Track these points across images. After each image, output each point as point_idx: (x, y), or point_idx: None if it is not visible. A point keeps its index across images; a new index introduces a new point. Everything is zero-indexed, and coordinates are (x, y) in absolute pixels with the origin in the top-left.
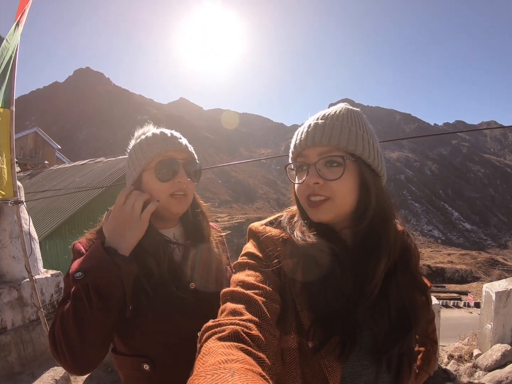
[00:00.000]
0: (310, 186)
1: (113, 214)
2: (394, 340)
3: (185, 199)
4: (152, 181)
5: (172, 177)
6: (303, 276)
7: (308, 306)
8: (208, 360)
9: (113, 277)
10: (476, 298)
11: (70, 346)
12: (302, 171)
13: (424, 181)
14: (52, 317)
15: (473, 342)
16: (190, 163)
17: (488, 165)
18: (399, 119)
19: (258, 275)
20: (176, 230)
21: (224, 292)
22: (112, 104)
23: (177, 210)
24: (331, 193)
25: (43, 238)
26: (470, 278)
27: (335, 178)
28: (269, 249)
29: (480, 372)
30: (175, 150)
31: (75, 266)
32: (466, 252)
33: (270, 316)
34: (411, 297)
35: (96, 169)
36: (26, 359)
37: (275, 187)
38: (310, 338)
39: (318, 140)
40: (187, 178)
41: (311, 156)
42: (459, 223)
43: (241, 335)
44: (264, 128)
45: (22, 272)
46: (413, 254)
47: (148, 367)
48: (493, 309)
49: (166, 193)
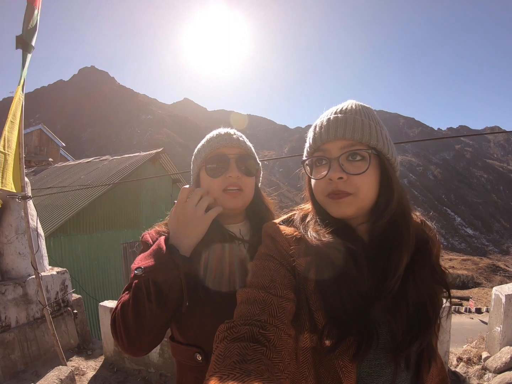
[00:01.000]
0: (333, 181)
1: (175, 211)
2: (413, 337)
3: (240, 193)
4: (205, 178)
5: (223, 172)
6: (317, 275)
7: (322, 306)
8: (224, 360)
9: (171, 276)
10: (477, 304)
11: (128, 332)
12: (321, 165)
13: (427, 186)
14: (59, 314)
15: (481, 345)
16: (243, 157)
17: (491, 170)
18: (402, 123)
19: (273, 274)
20: (242, 226)
21: (239, 292)
22: (116, 103)
23: (232, 205)
24: (355, 188)
25: (48, 235)
26: (472, 283)
27: (360, 172)
28: (284, 248)
29: (490, 374)
30: (225, 146)
31: (138, 261)
32: (468, 258)
33: (285, 316)
34: (431, 291)
35: (101, 167)
36: (29, 358)
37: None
38: (324, 338)
39: (341, 134)
40: (239, 173)
41: (332, 150)
42: (461, 228)
43: (256, 336)
44: (268, 130)
45: (27, 268)
46: (433, 246)
47: (200, 358)
48: (502, 312)
49: (219, 188)
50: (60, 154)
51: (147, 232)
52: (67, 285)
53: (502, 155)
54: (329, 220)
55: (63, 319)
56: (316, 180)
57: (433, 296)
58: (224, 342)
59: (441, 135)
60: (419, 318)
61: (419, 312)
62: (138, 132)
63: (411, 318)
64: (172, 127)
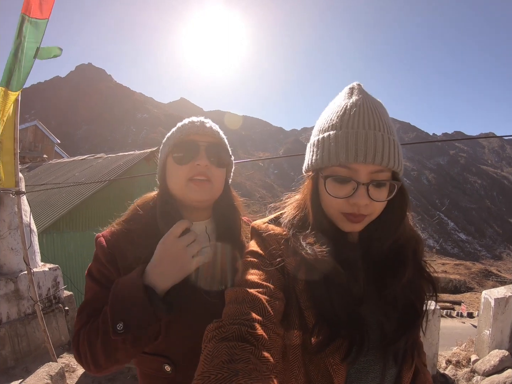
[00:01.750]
0: (357, 205)
1: (165, 242)
2: (401, 332)
3: (208, 184)
4: (172, 165)
5: (191, 159)
6: (306, 275)
7: (312, 305)
8: (212, 360)
9: (152, 329)
10: (469, 308)
11: (96, 360)
12: (344, 184)
13: (421, 190)
14: (50, 310)
15: (470, 348)
16: (215, 146)
17: (485, 176)
18: (398, 128)
19: (261, 273)
20: (208, 224)
21: (228, 291)
22: (112, 101)
23: (197, 197)
24: (372, 211)
25: (40, 232)
26: (464, 288)
27: (382, 200)
28: (272, 247)
29: (478, 377)
30: (196, 133)
31: (112, 303)
32: (461, 262)
33: (274, 315)
34: (418, 288)
35: (95, 164)
36: (20, 354)
37: (272, 191)
38: (314, 337)
39: (379, 160)
40: (208, 161)
41: (361, 172)
42: (455, 233)
43: (245, 335)
44: (264, 132)
45: (19, 264)
46: (419, 244)
47: (169, 369)
48: (491, 315)
49: (184, 177)
50: (54, 151)
51: (101, 234)
52: (59, 282)
53: (496, 161)
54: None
55: (54, 316)
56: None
57: (420, 292)
58: (212, 341)
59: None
60: (407, 315)
61: (407, 309)
62: (134, 131)
63: (400, 315)
64: (168, 127)
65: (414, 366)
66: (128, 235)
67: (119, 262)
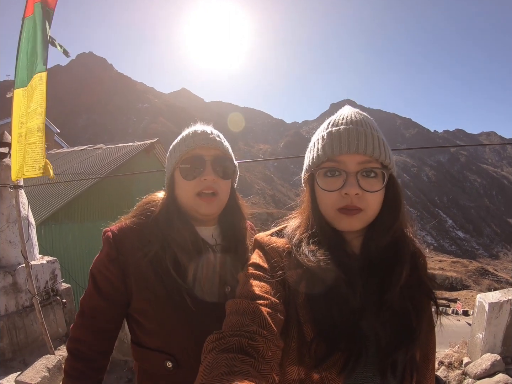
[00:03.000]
0: (349, 196)
1: None
2: (397, 345)
3: (215, 198)
4: (179, 179)
5: (198, 175)
6: (307, 289)
7: (311, 319)
8: (211, 371)
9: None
10: (464, 306)
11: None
12: (333, 177)
13: (420, 187)
14: (48, 303)
15: (463, 350)
16: (220, 159)
17: (485, 175)
18: (399, 124)
19: (263, 285)
20: (215, 229)
21: (228, 302)
22: (113, 90)
23: (206, 210)
24: (366, 205)
25: (39, 224)
26: (460, 286)
27: (375, 190)
28: (274, 260)
29: (469, 380)
30: (202, 147)
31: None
32: (458, 260)
33: (275, 327)
34: (416, 302)
35: (95, 155)
36: (17, 346)
37: (272, 183)
38: (312, 351)
39: (362, 149)
40: (215, 176)
41: (349, 163)
42: (453, 230)
43: (245, 347)
44: (264, 124)
45: (17, 257)
46: (420, 258)
47: (171, 365)
48: (485, 319)
49: (192, 192)
50: (54, 141)
51: (109, 228)
52: (57, 275)
53: (497, 161)
54: (324, 234)
55: (52, 308)
56: (326, 192)
57: (418, 307)
58: (212, 353)
59: (437, 137)
60: (404, 328)
61: (404, 322)
62: (134, 121)
63: (396, 328)
64: (169, 117)
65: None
66: (137, 231)
67: (123, 257)
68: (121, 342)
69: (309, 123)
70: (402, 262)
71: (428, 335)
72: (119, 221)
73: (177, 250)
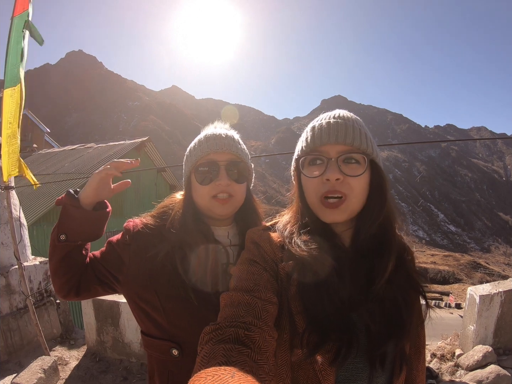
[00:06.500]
0: (330, 181)
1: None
2: (386, 338)
3: (230, 200)
4: (195, 183)
5: (212, 180)
6: (299, 279)
7: (303, 309)
8: (209, 362)
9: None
10: (457, 299)
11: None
12: (315, 165)
13: (411, 182)
14: (42, 304)
15: (455, 342)
16: (233, 163)
17: (475, 169)
18: (390, 119)
19: (256, 278)
20: (230, 229)
21: (223, 295)
22: (103, 88)
23: (221, 212)
24: (349, 190)
25: (30, 224)
26: (452, 279)
27: (356, 174)
28: (267, 254)
29: (462, 371)
30: (215, 151)
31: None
32: (450, 254)
33: (269, 318)
34: (405, 295)
35: (86, 155)
36: (13, 348)
37: (264, 180)
38: (304, 341)
39: (342, 138)
40: (229, 180)
41: (330, 152)
42: (444, 225)
43: (242, 338)
44: (255, 120)
45: (10, 259)
46: (408, 252)
47: (177, 353)
48: (476, 312)
49: (208, 195)
50: (44, 140)
51: (131, 219)
52: (49, 275)
53: (487, 155)
54: (314, 225)
55: (46, 309)
56: (309, 180)
57: (407, 299)
58: (209, 344)
59: (428, 132)
60: (394, 320)
61: (394, 314)
62: (125, 119)
63: (386, 320)
64: (159, 114)
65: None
66: (153, 231)
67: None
68: (116, 341)
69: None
70: (390, 253)
71: (418, 328)
72: (142, 217)
73: (187, 250)
